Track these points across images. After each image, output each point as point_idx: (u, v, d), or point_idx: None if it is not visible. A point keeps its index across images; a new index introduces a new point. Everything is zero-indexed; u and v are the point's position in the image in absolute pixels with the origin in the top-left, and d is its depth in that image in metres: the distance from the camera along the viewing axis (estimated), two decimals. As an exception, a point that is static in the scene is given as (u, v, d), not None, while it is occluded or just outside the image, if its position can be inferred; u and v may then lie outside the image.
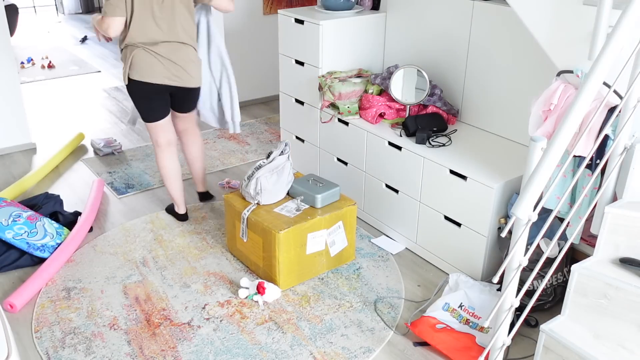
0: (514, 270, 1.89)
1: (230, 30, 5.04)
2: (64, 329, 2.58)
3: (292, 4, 5.27)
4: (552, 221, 2.63)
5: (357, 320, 2.64)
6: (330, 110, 3.48)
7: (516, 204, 1.75)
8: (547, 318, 2.29)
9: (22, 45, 7.52)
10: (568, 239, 2.33)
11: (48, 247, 3.02)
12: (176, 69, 3.00)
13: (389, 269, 3.01)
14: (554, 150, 1.73)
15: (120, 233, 3.31)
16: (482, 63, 3.10)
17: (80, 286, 2.86)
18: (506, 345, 2.02)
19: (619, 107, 2.03)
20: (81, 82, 6.08)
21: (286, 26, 3.63)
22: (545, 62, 2.79)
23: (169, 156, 3.25)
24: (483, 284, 2.70)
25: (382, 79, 3.32)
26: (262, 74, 5.40)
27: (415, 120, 3.09)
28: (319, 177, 3.02)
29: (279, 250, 2.73)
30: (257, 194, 2.88)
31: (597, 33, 2.13)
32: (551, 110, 2.36)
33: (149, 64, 2.94)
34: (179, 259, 3.07)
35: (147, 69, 2.95)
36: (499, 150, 2.96)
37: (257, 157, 4.31)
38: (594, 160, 2.26)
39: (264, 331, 2.57)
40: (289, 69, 3.72)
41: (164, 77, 2.99)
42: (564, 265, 2.66)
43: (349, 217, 2.95)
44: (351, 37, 3.51)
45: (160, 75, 2.97)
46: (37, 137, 4.62)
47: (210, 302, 2.75)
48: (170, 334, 2.55)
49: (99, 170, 4.06)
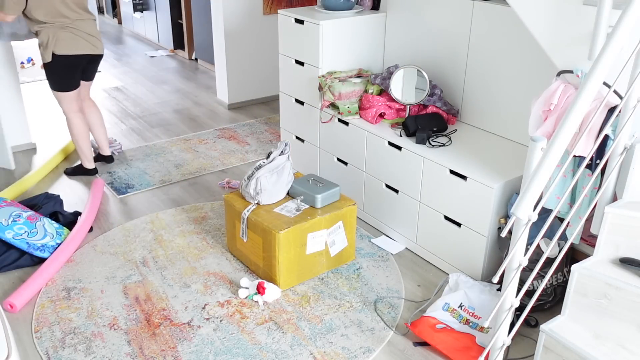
0: (514, 270, 1.89)
1: (230, 30, 5.05)
2: (64, 329, 2.58)
3: (292, 4, 5.27)
4: (552, 221, 2.63)
5: (357, 320, 2.64)
6: (330, 110, 3.48)
7: (516, 204, 1.75)
8: (547, 318, 2.29)
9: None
10: (568, 239, 2.33)
11: (48, 247, 3.02)
12: (92, 40, 3.62)
13: (389, 269, 3.01)
14: (554, 150, 1.73)
15: (120, 233, 3.31)
16: (482, 63, 3.10)
17: (80, 286, 2.86)
18: (506, 345, 2.02)
19: (619, 107, 2.03)
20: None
21: (286, 26, 3.63)
22: (545, 62, 2.79)
23: (82, 119, 3.80)
24: (483, 284, 2.70)
25: (382, 79, 3.32)
26: (262, 74, 5.40)
27: (415, 120, 3.09)
28: (319, 177, 3.02)
29: (279, 250, 2.73)
30: (257, 194, 2.88)
31: (597, 33, 2.13)
32: (551, 110, 2.36)
33: (73, 39, 3.51)
34: (179, 259, 3.07)
35: (73, 43, 3.52)
36: (499, 150, 2.96)
37: (257, 157, 4.31)
38: (594, 160, 2.26)
39: (264, 331, 2.57)
40: (289, 69, 3.72)
41: (88, 48, 3.59)
42: (564, 265, 2.66)
43: (349, 217, 2.95)
44: (351, 37, 3.51)
45: (84, 47, 3.57)
46: (37, 137, 4.61)
47: (210, 302, 2.75)
48: (170, 334, 2.55)
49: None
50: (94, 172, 3.96)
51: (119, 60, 6.91)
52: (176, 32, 7.04)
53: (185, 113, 5.21)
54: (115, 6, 8.90)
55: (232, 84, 5.25)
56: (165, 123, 4.96)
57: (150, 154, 4.34)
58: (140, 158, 4.27)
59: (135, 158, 4.27)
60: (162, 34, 7.32)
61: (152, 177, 3.97)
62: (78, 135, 3.80)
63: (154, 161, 4.22)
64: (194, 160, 4.25)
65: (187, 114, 5.17)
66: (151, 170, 4.07)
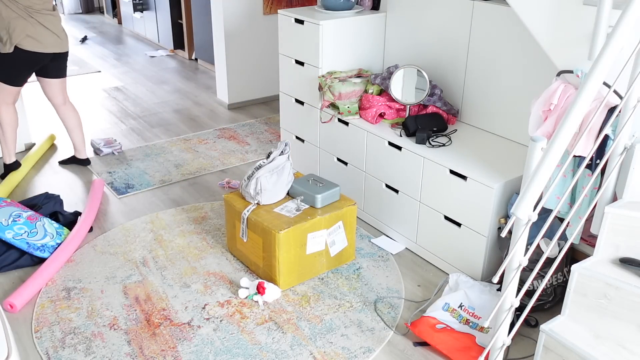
0: (514, 270, 1.89)
1: (230, 30, 5.05)
2: (64, 329, 2.58)
3: (292, 4, 5.27)
4: (552, 221, 2.63)
5: (357, 320, 2.64)
6: (330, 110, 3.48)
7: (516, 204, 1.75)
8: (547, 318, 2.29)
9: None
10: (568, 239, 2.33)
11: (48, 247, 3.02)
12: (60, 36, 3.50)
13: (389, 269, 3.01)
14: (554, 150, 1.73)
15: (120, 233, 3.31)
16: (482, 63, 3.10)
17: (80, 286, 2.86)
18: (506, 345, 2.02)
19: (619, 107, 2.03)
20: (81, 82, 6.08)
21: (286, 26, 3.63)
22: (545, 62, 2.79)
23: (14, 111, 3.67)
24: (483, 284, 2.70)
25: (382, 79, 3.32)
26: (262, 74, 5.40)
27: (415, 120, 3.09)
28: (319, 177, 3.02)
29: (279, 250, 2.73)
30: (257, 194, 2.88)
31: (597, 33, 2.13)
32: (551, 110, 2.36)
33: (42, 34, 3.37)
34: (179, 259, 3.07)
35: (41, 39, 3.38)
36: (499, 150, 2.96)
37: (257, 157, 4.31)
38: (594, 160, 2.26)
39: (264, 331, 2.57)
40: (289, 69, 3.72)
41: (54, 46, 3.46)
42: (564, 265, 2.66)
43: (349, 217, 2.95)
44: (351, 37, 3.51)
45: (51, 45, 3.44)
46: (37, 137, 4.61)
47: (210, 302, 2.75)
48: (170, 334, 2.55)
49: (99, 170, 4.06)
50: (17, 166, 3.85)
51: (119, 60, 6.91)
52: (176, 32, 7.04)
53: (185, 113, 5.21)
54: (115, 6, 8.90)
55: (232, 84, 5.25)
56: (165, 123, 4.96)
57: (150, 154, 4.34)
58: (140, 158, 4.27)
59: (135, 158, 4.27)
60: (162, 34, 7.32)
61: (152, 177, 3.97)
62: (7, 126, 3.69)
63: (154, 161, 4.22)
64: (194, 160, 4.25)
65: (187, 114, 5.18)
66: (151, 170, 4.07)
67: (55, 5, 3.55)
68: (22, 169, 3.90)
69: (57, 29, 3.49)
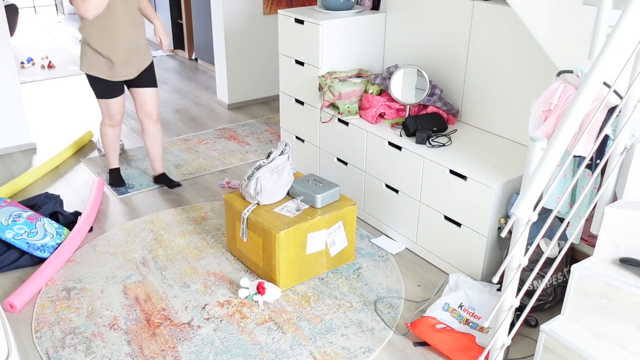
0: (514, 270, 1.89)
1: (230, 30, 5.05)
2: (64, 329, 2.58)
3: (292, 4, 5.27)
4: (552, 221, 2.63)
5: (357, 320, 2.64)
6: (330, 110, 3.48)
7: (516, 204, 1.75)
8: (547, 318, 2.29)
9: (22, 45, 7.53)
10: (568, 239, 2.33)
11: (48, 247, 3.02)
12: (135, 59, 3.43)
13: (389, 269, 3.01)
14: (554, 150, 1.73)
15: (120, 233, 3.31)
16: (482, 63, 3.10)
17: (80, 286, 2.86)
18: (506, 345, 2.02)
19: (619, 107, 2.03)
20: (81, 82, 6.07)
21: (286, 26, 3.63)
22: (545, 62, 2.79)
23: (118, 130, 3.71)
24: (483, 284, 2.70)
25: (382, 79, 3.32)
26: (262, 74, 5.40)
27: (415, 120, 3.09)
28: (319, 177, 3.02)
29: (279, 250, 2.73)
30: (257, 194, 2.88)
31: (597, 33, 2.13)
32: (551, 110, 2.36)
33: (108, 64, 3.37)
34: (179, 259, 3.07)
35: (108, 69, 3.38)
36: (499, 150, 2.96)
37: (257, 157, 4.31)
38: (594, 160, 2.26)
39: (264, 331, 2.57)
40: (289, 69, 3.72)
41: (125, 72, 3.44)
42: (564, 265, 2.66)
43: (349, 217, 2.95)
44: (351, 37, 3.51)
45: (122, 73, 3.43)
46: (37, 137, 4.62)
47: (210, 302, 2.75)
48: (170, 334, 2.55)
49: (99, 170, 4.06)
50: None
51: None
52: (176, 32, 7.04)
53: (185, 113, 5.21)
54: (115, 6, 8.89)
55: (232, 84, 5.25)
56: (165, 123, 4.96)
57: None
58: (140, 158, 4.27)
59: (135, 158, 4.27)
60: (162, 34, 7.32)
61: (152, 177, 3.97)
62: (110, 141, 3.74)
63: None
64: (194, 160, 4.25)
65: (187, 114, 5.18)
66: (151, 171, 4.06)
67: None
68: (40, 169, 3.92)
69: (137, 46, 3.40)
